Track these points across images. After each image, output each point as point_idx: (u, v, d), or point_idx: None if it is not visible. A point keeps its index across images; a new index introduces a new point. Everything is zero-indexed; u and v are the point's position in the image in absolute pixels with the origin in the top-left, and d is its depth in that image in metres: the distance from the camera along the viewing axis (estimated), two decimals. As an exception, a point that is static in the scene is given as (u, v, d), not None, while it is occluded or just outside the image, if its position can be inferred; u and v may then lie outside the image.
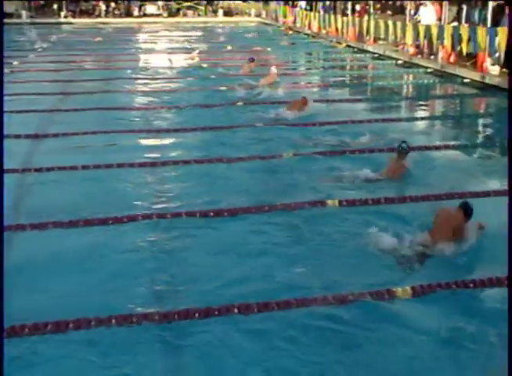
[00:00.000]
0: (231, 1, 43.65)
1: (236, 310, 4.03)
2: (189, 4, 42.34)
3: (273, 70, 13.58)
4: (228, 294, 4.32)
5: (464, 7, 16.79)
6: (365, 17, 22.56)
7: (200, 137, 9.00)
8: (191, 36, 28.17)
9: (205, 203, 6.07)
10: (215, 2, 42.63)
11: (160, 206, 6.07)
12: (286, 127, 9.43)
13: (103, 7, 39.99)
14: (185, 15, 41.68)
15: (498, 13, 14.58)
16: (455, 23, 16.36)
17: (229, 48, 22.16)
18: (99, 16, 39.37)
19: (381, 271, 4.71)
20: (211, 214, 5.76)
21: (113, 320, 3.87)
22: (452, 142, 8.53)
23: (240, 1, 43.82)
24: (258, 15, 41.09)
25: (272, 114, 10.22)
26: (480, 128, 10.20)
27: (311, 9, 29.32)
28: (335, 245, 5.21)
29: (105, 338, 3.78)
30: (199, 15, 42.03)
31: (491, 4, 14.39)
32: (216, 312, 4.00)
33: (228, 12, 42.10)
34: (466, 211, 5.05)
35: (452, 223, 5.00)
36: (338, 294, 4.23)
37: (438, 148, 8.23)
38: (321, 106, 11.30)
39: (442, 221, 5.07)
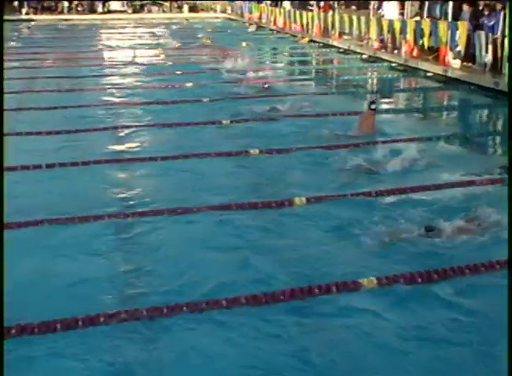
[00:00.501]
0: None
1: (204, 305, 4.04)
2: (154, 0, 41.98)
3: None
4: (195, 290, 4.32)
5: (426, 2, 17.07)
6: (330, 12, 22.73)
7: (167, 134, 8.96)
8: (156, 32, 27.94)
9: (173, 200, 6.04)
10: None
11: (127, 204, 6.03)
12: (253, 122, 9.48)
13: (66, 3, 39.33)
14: (149, 11, 41.31)
15: (459, 8, 14.87)
16: (417, 18, 16.62)
17: (196, 43, 22.09)
18: (61, 12, 38.71)
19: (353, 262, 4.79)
20: (179, 211, 5.74)
21: (80, 322, 3.82)
22: (418, 135, 8.67)
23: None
24: (224, 11, 40.98)
25: (240, 110, 10.27)
26: (444, 121, 10.36)
27: (276, 5, 29.38)
28: (304, 240, 5.26)
29: (73, 340, 3.73)
30: (164, 11, 41.69)
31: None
32: (185, 308, 4.01)
33: (193, 8, 41.88)
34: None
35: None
36: (305, 286, 4.27)
37: (403, 141, 8.35)
38: (288, 99, 11.38)
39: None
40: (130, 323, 3.88)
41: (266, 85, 12.13)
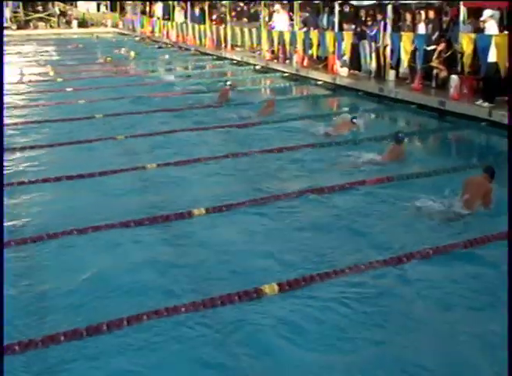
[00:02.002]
0: (85, 11, 42.28)
1: (104, 328, 3.94)
2: (40, 15, 40.43)
3: (228, 84, 13.51)
4: (94, 310, 4.23)
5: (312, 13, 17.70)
6: (222, 25, 22.92)
7: (59, 153, 8.64)
8: (44, 49, 26.91)
9: (67, 222, 5.80)
10: (68, 13, 41.07)
11: (21, 229, 5.73)
12: (149, 137, 9.41)
13: None
14: (36, 27, 39.73)
15: (344, 19, 15.55)
16: (306, 29, 17.19)
17: (85, 60, 21.52)
18: None
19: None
20: (75, 231, 5.55)
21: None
22: (312, 141, 8.98)
23: (95, 12, 42.68)
24: (115, 25, 40.25)
25: (135, 125, 10.13)
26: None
27: (168, 19, 29.25)
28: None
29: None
30: (51, 27, 40.26)
31: (337, 10, 15.30)
32: (62, 337, 3.86)
33: (82, 23, 40.77)
34: (492, 174, 5.93)
35: (482, 189, 5.83)
36: (208, 297, 4.29)
37: (294, 148, 8.62)
38: (184, 112, 11.40)
39: (473, 188, 5.83)
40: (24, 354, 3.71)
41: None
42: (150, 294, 4.47)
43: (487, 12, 10.81)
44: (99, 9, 43.29)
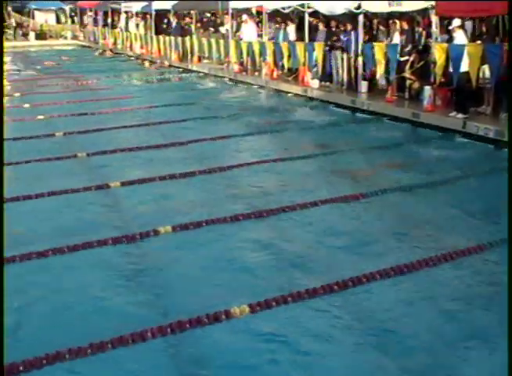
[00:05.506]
0: (43, 22, 41.29)
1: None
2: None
3: None
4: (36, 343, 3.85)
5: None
6: (188, 37, 22.27)
7: (18, 172, 7.97)
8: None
9: (25, 242, 5.38)
10: (25, 25, 40.02)
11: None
12: (112, 154, 8.93)
13: None
14: (-10, 39, 38.52)
15: (314, 29, 15.26)
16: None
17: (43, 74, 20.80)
18: None
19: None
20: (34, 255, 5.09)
21: None
22: (286, 155, 8.68)
23: (54, 23, 41.76)
24: (75, 37, 39.38)
25: (100, 142, 9.62)
26: (307, 140, 10.38)
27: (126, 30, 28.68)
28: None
29: None
30: (7, 39, 39.09)
31: (307, 20, 14.98)
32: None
33: (40, 35, 39.71)
34: None
35: None
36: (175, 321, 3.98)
37: (266, 161, 8.32)
38: (157, 127, 10.94)
39: None
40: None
41: None
42: (114, 318, 4.12)
43: (455, 22, 10.60)
44: (58, 21, 42.36)
